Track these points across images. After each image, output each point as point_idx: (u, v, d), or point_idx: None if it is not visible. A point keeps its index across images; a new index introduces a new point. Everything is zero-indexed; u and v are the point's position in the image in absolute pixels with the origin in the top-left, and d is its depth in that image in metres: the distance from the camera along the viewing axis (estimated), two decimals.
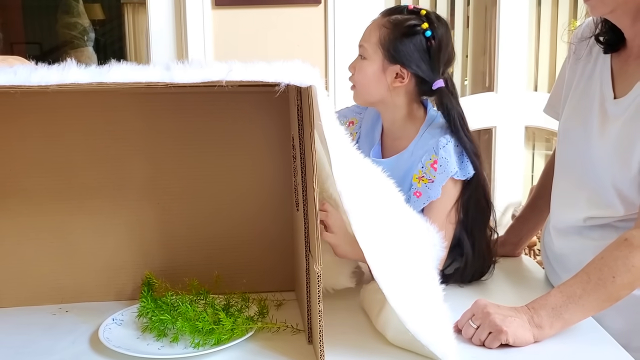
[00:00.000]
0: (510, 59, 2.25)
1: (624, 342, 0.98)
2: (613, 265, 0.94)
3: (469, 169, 1.16)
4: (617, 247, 0.95)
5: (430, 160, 1.16)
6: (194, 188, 1.13)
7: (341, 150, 0.87)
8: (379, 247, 0.90)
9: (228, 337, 0.95)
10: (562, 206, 1.16)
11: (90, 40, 4.47)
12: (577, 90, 1.14)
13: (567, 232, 1.14)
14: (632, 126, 1.00)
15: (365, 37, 1.20)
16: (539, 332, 0.94)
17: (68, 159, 1.10)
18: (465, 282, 1.18)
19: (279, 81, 0.79)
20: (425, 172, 1.16)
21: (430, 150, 1.17)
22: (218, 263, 1.12)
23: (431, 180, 1.15)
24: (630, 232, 0.96)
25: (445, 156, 1.15)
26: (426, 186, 1.16)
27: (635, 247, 0.94)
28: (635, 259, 0.93)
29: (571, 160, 1.13)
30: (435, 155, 1.16)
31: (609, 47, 1.08)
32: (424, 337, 0.88)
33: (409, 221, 1.02)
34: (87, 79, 0.78)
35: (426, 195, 1.16)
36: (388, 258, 0.90)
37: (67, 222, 1.11)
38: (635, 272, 0.93)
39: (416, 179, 1.17)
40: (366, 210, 0.89)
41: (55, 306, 1.12)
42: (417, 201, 1.16)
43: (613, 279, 0.93)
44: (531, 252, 2.14)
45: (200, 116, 1.11)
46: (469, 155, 1.16)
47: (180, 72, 0.78)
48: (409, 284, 0.91)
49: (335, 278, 1.10)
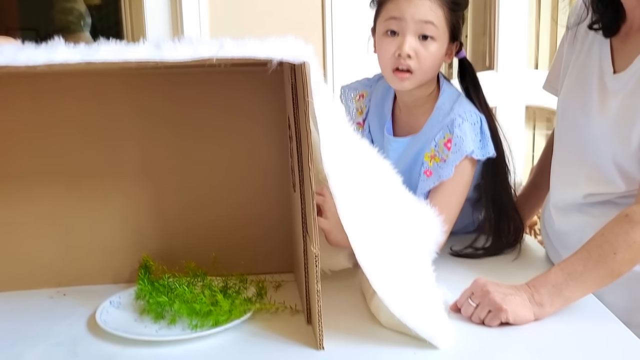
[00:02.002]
0: (511, 37, 2.23)
1: (625, 319, 0.97)
2: (614, 241, 0.93)
3: (489, 149, 1.13)
4: (618, 223, 0.94)
5: (444, 139, 1.13)
6: (189, 170, 1.12)
7: (332, 129, 0.85)
8: (365, 231, 0.88)
9: (226, 319, 0.95)
10: (562, 183, 1.15)
11: (87, 26, 4.42)
12: (575, 66, 1.12)
13: (568, 210, 1.13)
14: (632, 101, 0.99)
15: (429, 15, 1.09)
16: (540, 310, 0.93)
17: (63, 144, 1.09)
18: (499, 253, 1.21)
19: (271, 58, 0.77)
20: (438, 150, 1.14)
21: (445, 129, 1.13)
22: (215, 245, 1.11)
23: (443, 159, 1.12)
24: (631, 207, 0.95)
25: (461, 135, 1.11)
26: (437, 165, 1.13)
27: (636, 222, 0.92)
28: (636, 234, 0.92)
29: (571, 136, 1.11)
30: (450, 133, 1.12)
31: (608, 30, 1.05)
32: (410, 321, 0.87)
33: (404, 205, 1.00)
34: (75, 58, 0.76)
35: (437, 174, 1.13)
36: (374, 243, 0.88)
37: (64, 206, 1.11)
38: (636, 247, 0.92)
39: (428, 157, 1.14)
40: (354, 193, 0.87)
41: (52, 290, 1.12)
42: (427, 180, 1.13)
43: (614, 255, 0.92)
44: (532, 232, 2.13)
45: (195, 98, 1.10)
46: (492, 133, 1.13)
47: (170, 50, 0.77)
48: (395, 269, 0.89)
49: (333, 259, 1.09)
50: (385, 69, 1.15)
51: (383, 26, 1.14)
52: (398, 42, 1.12)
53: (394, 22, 1.11)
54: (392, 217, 0.95)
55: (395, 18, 1.11)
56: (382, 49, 1.14)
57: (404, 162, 1.19)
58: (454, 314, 0.97)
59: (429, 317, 0.89)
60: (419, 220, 1.03)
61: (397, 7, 1.11)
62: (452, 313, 0.97)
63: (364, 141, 0.98)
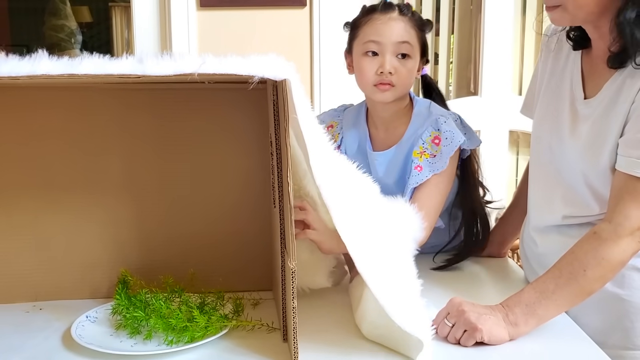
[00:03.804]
0: (495, 64, 2.26)
1: (602, 340, 0.98)
2: (583, 258, 0.94)
3: (476, 139, 1.25)
4: (587, 240, 0.96)
5: (430, 137, 1.20)
6: (170, 185, 1.12)
7: (318, 144, 0.87)
8: (361, 238, 0.90)
9: (202, 335, 0.94)
10: (538, 205, 1.16)
11: (77, 43, 4.45)
12: (548, 89, 1.15)
13: (547, 231, 1.14)
14: (602, 125, 1.01)
15: (405, 35, 1.18)
16: (514, 329, 0.94)
17: (44, 156, 1.09)
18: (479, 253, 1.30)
19: (252, 74, 0.79)
20: (427, 147, 1.20)
21: (430, 128, 1.21)
22: (194, 261, 1.11)
23: (433, 154, 1.19)
24: (599, 225, 0.97)
25: (449, 129, 1.19)
26: (428, 161, 1.19)
27: (604, 239, 0.94)
28: (604, 251, 0.94)
29: (545, 159, 1.13)
30: (436, 131, 1.20)
31: (577, 44, 1.09)
32: (406, 325, 0.87)
33: (388, 210, 1.03)
34: (58, 71, 0.77)
35: (429, 168, 1.18)
36: (369, 249, 0.90)
37: (42, 219, 1.10)
38: (605, 264, 0.94)
39: (417, 154, 1.20)
40: (346, 202, 0.90)
41: (29, 304, 1.11)
42: (418, 175, 1.18)
43: (584, 272, 0.93)
44: (514, 255, 2.14)
45: (177, 114, 1.11)
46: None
47: (152, 64, 0.78)
48: (390, 273, 0.92)
49: (312, 277, 1.10)
50: (367, 85, 1.21)
51: (362, 48, 1.20)
52: (379, 62, 1.18)
53: (374, 45, 1.18)
54: (381, 222, 0.97)
55: (374, 41, 1.18)
56: (363, 68, 1.20)
57: (395, 170, 1.24)
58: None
59: (421, 320, 0.90)
60: (401, 221, 1.07)
61: (375, 31, 1.18)
62: None
63: (342, 156, 1.01)
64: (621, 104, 0.98)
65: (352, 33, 1.24)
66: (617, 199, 0.96)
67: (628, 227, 0.94)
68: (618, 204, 0.96)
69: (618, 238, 0.94)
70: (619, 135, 0.99)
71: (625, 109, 0.98)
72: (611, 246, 0.94)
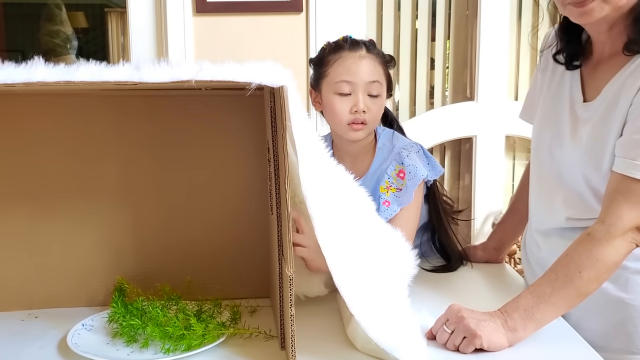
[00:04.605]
0: (491, 69, 2.27)
1: (605, 344, 0.98)
2: (578, 260, 0.94)
3: (439, 168, 1.28)
4: (581, 242, 0.96)
5: (395, 171, 1.25)
6: (166, 192, 1.12)
7: (310, 152, 0.86)
8: (342, 254, 0.88)
9: (199, 343, 0.94)
10: (540, 209, 1.17)
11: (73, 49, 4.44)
12: (548, 95, 1.15)
13: (549, 234, 1.14)
14: (602, 128, 1.01)
15: (375, 75, 1.22)
16: (513, 335, 0.93)
17: (39, 163, 1.08)
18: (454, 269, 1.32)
19: (249, 81, 0.79)
20: (393, 182, 1.24)
21: (394, 162, 1.25)
22: (191, 268, 1.11)
23: (399, 188, 1.23)
24: (593, 226, 0.97)
25: (412, 163, 1.24)
26: (395, 195, 1.23)
27: (598, 240, 0.94)
28: (598, 252, 0.94)
29: (546, 163, 1.13)
30: (400, 165, 1.25)
31: (569, 65, 1.10)
32: (387, 344, 0.87)
33: (379, 231, 1.02)
34: (54, 78, 0.76)
35: (397, 202, 1.23)
36: (351, 266, 0.89)
37: (38, 226, 1.10)
38: (600, 265, 0.94)
39: (384, 189, 1.24)
40: (332, 216, 0.88)
41: (24, 312, 1.10)
42: (387, 210, 1.22)
43: (579, 274, 0.93)
44: (512, 261, 2.14)
45: (174, 121, 1.10)
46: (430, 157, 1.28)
47: (149, 71, 0.77)
48: (371, 292, 0.90)
49: (309, 285, 1.09)
50: (340, 124, 1.24)
51: (333, 87, 1.22)
52: (352, 101, 1.22)
53: (346, 85, 1.21)
54: (368, 240, 0.96)
55: (346, 81, 1.21)
56: (336, 108, 1.23)
57: None
58: (429, 341, 0.96)
59: (408, 340, 0.89)
60: (393, 247, 1.05)
61: (347, 71, 1.21)
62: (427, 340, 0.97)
63: (340, 167, 0.99)
64: (621, 106, 0.99)
65: (319, 71, 1.25)
66: (611, 200, 0.96)
67: (620, 228, 0.94)
68: (611, 204, 0.96)
69: (611, 238, 0.94)
70: (619, 137, 0.99)
71: (624, 110, 0.98)
72: (605, 246, 0.94)
